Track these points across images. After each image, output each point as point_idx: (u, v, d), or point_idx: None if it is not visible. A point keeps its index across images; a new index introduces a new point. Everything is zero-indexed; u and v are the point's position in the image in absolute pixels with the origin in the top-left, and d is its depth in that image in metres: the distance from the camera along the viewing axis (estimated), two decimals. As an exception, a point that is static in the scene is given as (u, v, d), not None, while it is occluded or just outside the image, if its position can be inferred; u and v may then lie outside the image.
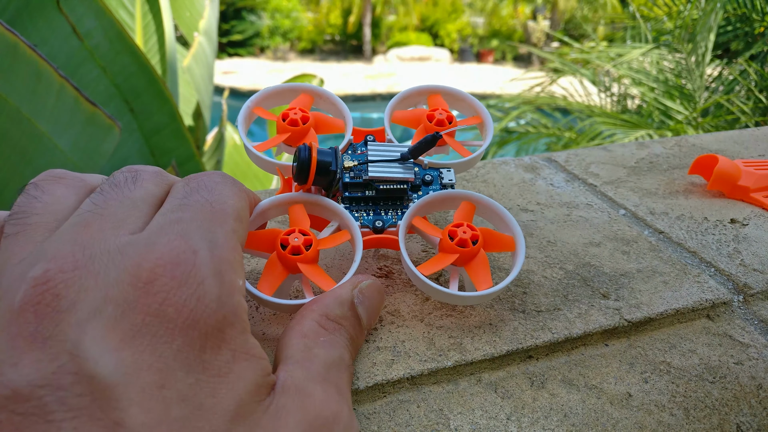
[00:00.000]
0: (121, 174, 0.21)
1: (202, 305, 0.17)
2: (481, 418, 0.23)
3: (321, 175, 0.26)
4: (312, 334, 0.21)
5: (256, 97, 0.31)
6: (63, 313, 0.15)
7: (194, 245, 0.18)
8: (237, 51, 10.68)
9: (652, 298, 0.29)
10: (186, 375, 0.16)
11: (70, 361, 0.15)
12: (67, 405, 0.14)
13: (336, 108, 0.32)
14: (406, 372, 0.24)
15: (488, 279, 0.25)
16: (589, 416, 0.23)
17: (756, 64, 1.00)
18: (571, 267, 0.31)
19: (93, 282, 0.16)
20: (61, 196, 0.20)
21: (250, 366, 0.18)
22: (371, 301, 0.24)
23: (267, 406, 0.17)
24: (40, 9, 0.99)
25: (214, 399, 0.16)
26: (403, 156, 0.28)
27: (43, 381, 0.14)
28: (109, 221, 0.18)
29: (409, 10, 11.85)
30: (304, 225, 0.26)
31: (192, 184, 0.21)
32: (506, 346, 0.25)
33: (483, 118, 0.32)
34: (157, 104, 1.24)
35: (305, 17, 12.07)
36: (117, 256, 0.17)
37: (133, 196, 0.20)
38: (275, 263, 0.25)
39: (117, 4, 1.53)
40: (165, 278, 0.17)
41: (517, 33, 11.93)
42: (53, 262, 0.16)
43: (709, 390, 0.25)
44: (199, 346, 0.16)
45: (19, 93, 0.80)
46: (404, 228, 0.27)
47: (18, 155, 0.86)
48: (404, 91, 0.33)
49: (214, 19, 1.85)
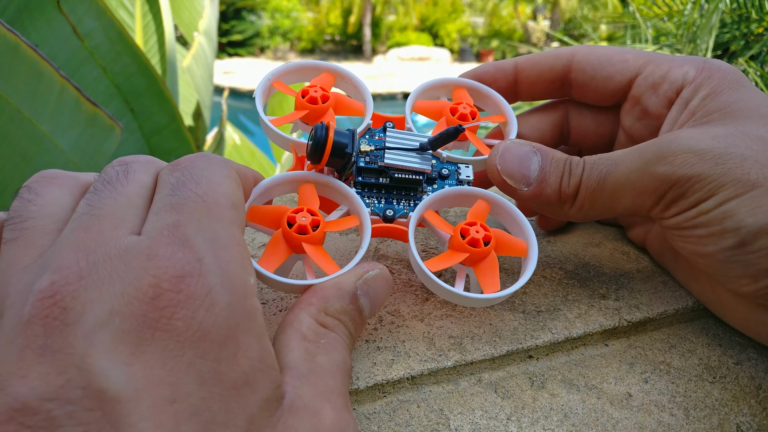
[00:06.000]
0: (112, 169, 0.20)
1: (212, 315, 0.16)
2: (481, 418, 0.23)
3: (336, 156, 0.25)
4: (312, 336, 0.21)
5: (278, 70, 0.31)
6: (71, 326, 0.15)
7: (198, 252, 0.17)
8: (237, 51, 10.67)
9: (652, 299, 0.29)
10: (199, 388, 0.16)
11: (79, 375, 0.15)
12: (76, 419, 0.14)
13: (357, 90, 0.31)
14: (406, 372, 0.24)
15: (496, 282, 0.25)
16: (589, 416, 0.23)
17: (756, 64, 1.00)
18: (571, 267, 0.31)
19: (98, 293, 0.16)
20: (56, 198, 0.20)
21: (263, 378, 0.17)
22: (376, 293, 0.23)
23: (275, 423, 0.17)
24: (40, 9, 0.99)
25: (226, 414, 0.16)
26: (422, 146, 0.27)
27: (52, 394, 0.14)
28: (107, 222, 0.18)
29: (409, 10, 11.85)
30: (313, 205, 0.25)
31: (177, 174, 0.20)
32: (506, 346, 0.25)
33: (507, 117, 0.31)
34: (157, 104, 1.24)
35: (305, 17, 12.07)
36: (119, 265, 0.17)
37: (127, 191, 0.19)
38: (279, 241, 0.24)
39: (117, 4, 1.53)
40: (171, 293, 0.16)
41: (517, 33, 11.92)
42: (58, 273, 0.16)
43: (709, 390, 0.25)
44: (213, 358, 0.16)
45: (20, 93, 0.81)
46: (416, 220, 0.26)
47: (19, 156, 0.86)
48: (429, 82, 0.32)
49: (214, 19, 1.85)
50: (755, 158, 0.23)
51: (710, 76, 0.27)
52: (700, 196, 0.23)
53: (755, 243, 0.22)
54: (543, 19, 11.94)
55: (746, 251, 0.22)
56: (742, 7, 1.15)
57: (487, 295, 0.24)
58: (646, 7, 1.46)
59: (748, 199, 0.22)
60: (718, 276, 0.24)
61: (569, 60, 0.31)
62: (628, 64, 0.30)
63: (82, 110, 0.90)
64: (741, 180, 0.22)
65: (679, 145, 0.24)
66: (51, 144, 0.89)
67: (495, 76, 0.32)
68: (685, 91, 0.27)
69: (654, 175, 0.24)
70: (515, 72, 0.32)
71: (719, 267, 0.24)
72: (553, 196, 0.26)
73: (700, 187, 0.23)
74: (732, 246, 0.23)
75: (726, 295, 0.26)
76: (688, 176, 0.23)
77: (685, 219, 0.24)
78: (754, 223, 0.22)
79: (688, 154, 0.23)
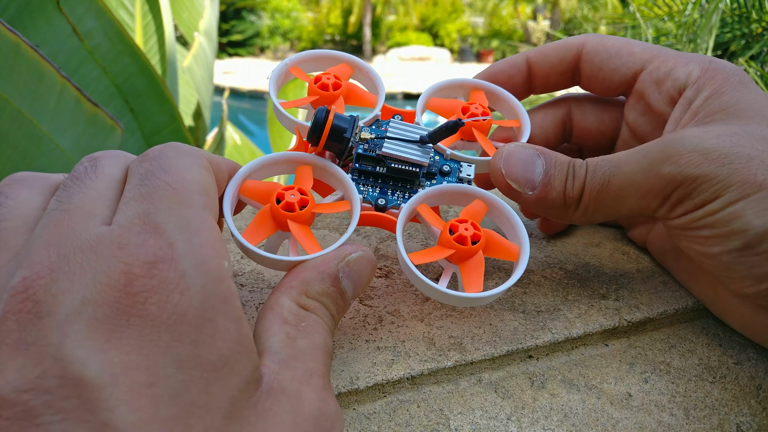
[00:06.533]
0: (80, 166, 0.21)
1: (186, 298, 0.16)
2: (482, 418, 0.23)
3: (334, 140, 0.25)
4: (293, 319, 0.21)
5: (298, 57, 0.31)
6: (44, 318, 0.15)
7: (169, 237, 0.17)
8: (237, 51, 10.67)
9: (652, 299, 0.29)
10: (177, 371, 0.16)
11: (54, 365, 0.15)
12: (54, 408, 0.14)
13: (373, 84, 0.31)
14: (406, 372, 0.24)
15: (479, 283, 0.24)
16: (589, 416, 0.23)
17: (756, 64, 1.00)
18: (571, 267, 0.31)
19: (69, 284, 0.16)
20: (26, 199, 0.20)
21: (243, 360, 0.17)
22: (359, 275, 0.23)
23: (255, 404, 0.17)
24: (40, 9, 0.99)
25: (207, 396, 0.16)
26: (422, 138, 0.27)
27: (28, 386, 0.14)
28: (76, 215, 0.18)
29: (409, 10, 11.85)
30: (305, 185, 0.25)
31: (146, 165, 0.20)
32: (506, 346, 0.25)
33: (522, 122, 0.31)
34: (157, 104, 1.24)
35: (305, 17, 12.07)
36: (90, 255, 0.17)
37: (95, 185, 0.20)
38: (266, 216, 0.24)
39: (117, 4, 1.53)
40: (144, 278, 0.16)
41: (517, 33, 11.92)
42: (29, 269, 0.16)
43: (709, 390, 0.25)
44: (190, 341, 0.16)
45: (20, 94, 0.81)
46: (406, 212, 0.26)
47: (19, 156, 0.86)
48: (446, 81, 0.32)
49: (214, 19, 1.85)
50: (761, 159, 0.22)
51: (713, 76, 0.27)
52: (707, 197, 0.23)
53: (761, 245, 0.22)
54: (543, 19, 11.93)
55: (752, 253, 0.22)
56: (742, 7, 1.15)
57: (466, 294, 0.24)
58: (647, 8, 1.46)
59: (755, 201, 0.22)
60: (722, 277, 0.24)
61: (579, 50, 0.31)
62: (635, 57, 0.30)
63: (82, 110, 0.90)
64: (748, 181, 0.22)
65: (684, 145, 0.24)
66: (51, 144, 0.89)
67: (510, 74, 0.32)
68: (688, 91, 0.27)
69: (659, 176, 0.24)
70: (528, 67, 0.32)
71: (724, 268, 0.24)
72: (557, 199, 0.26)
73: (706, 187, 0.23)
74: (738, 248, 0.23)
75: (727, 296, 0.26)
76: (694, 176, 0.23)
77: (691, 220, 0.24)
78: (761, 225, 0.22)
79: (693, 153, 0.23)
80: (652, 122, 0.30)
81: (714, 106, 0.26)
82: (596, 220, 0.27)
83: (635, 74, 0.30)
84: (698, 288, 0.28)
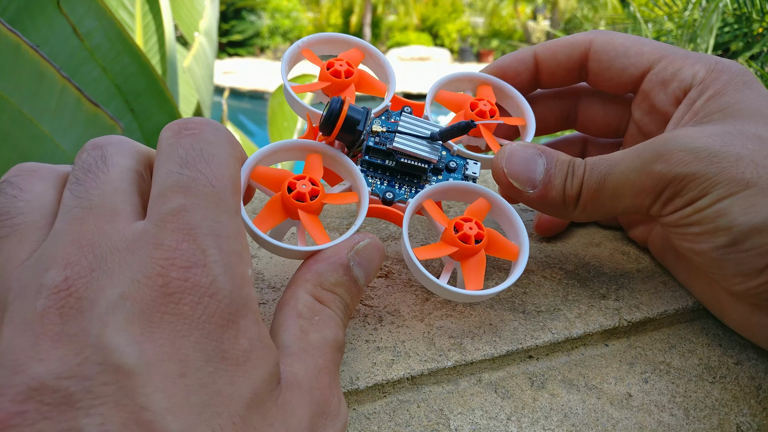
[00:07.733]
0: (88, 156, 0.21)
1: (215, 301, 0.18)
2: (482, 418, 0.23)
3: (346, 131, 0.25)
4: (307, 312, 0.21)
5: (310, 38, 0.31)
6: (86, 311, 0.16)
7: (202, 243, 0.18)
8: (237, 51, 10.68)
9: (652, 299, 0.29)
10: (205, 364, 0.17)
11: (95, 353, 0.16)
12: (94, 393, 0.15)
13: (383, 71, 0.31)
14: (407, 372, 0.24)
15: (480, 281, 0.25)
16: (589, 416, 0.23)
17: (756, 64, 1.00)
18: (571, 267, 0.31)
19: (109, 281, 0.17)
20: (41, 192, 0.20)
21: (264, 355, 0.18)
22: (369, 262, 0.24)
23: (276, 398, 0.18)
24: (40, 9, 0.99)
25: (232, 387, 0.17)
26: (432, 135, 0.27)
27: (69, 373, 0.15)
28: (101, 215, 0.19)
29: (409, 10, 11.85)
30: (316, 175, 0.25)
31: (186, 145, 0.20)
32: (506, 346, 0.25)
33: (527, 121, 0.31)
34: (157, 104, 1.24)
35: (305, 17, 12.08)
36: (127, 256, 0.18)
37: (109, 179, 0.20)
38: (277, 204, 0.25)
39: (117, 4, 1.53)
40: (178, 281, 0.17)
41: (517, 33, 11.93)
42: (69, 268, 0.17)
43: (709, 390, 0.25)
44: (217, 338, 0.17)
45: (21, 94, 0.81)
46: (413, 207, 0.26)
47: (20, 156, 0.86)
48: (456, 73, 0.32)
49: (214, 19, 1.85)
50: (751, 157, 0.23)
51: (718, 77, 0.27)
52: (695, 195, 0.23)
53: (747, 242, 0.22)
54: (543, 19, 11.94)
55: (738, 249, 0.23)
56: (743, 7, 1.15)
57: (467, 291, 0.24)
58: (647, 8, 1.46)
59: (741, 198, 0.22)
60: (713, 273, 0.25)
61: (587, 48, 0.31)
62: (643, 57, 0.30)
63: (83, 110, 0.90)
64: (735, 179, 0.23)
65: (675, 144, 0.24)
66: (52, 144, 0.89)
67: (518, 69, 0.32)
68: (693, 92, 0.27)
69: (651, 174, 0.24)
70: (535, 63, 0.32)
71: (713, 265, 0.24)
72: (558, 198, 0.26)
73: (694, 185, 0.23)
74: (724, 244, 0.23)
75: (723, 296, 0.26)
76: (683, 175, 0.23)
77: (680, 216, 0.24)
78: (747, 222, 0.22)
79: (683, 152, 0.24)
80: (657, 121, 0.30)
81: (713, 107, 0.26)
82: (595, 218, 0.27)
83: (643, 74, 0.30)
84: (698, 288, 0.29)
